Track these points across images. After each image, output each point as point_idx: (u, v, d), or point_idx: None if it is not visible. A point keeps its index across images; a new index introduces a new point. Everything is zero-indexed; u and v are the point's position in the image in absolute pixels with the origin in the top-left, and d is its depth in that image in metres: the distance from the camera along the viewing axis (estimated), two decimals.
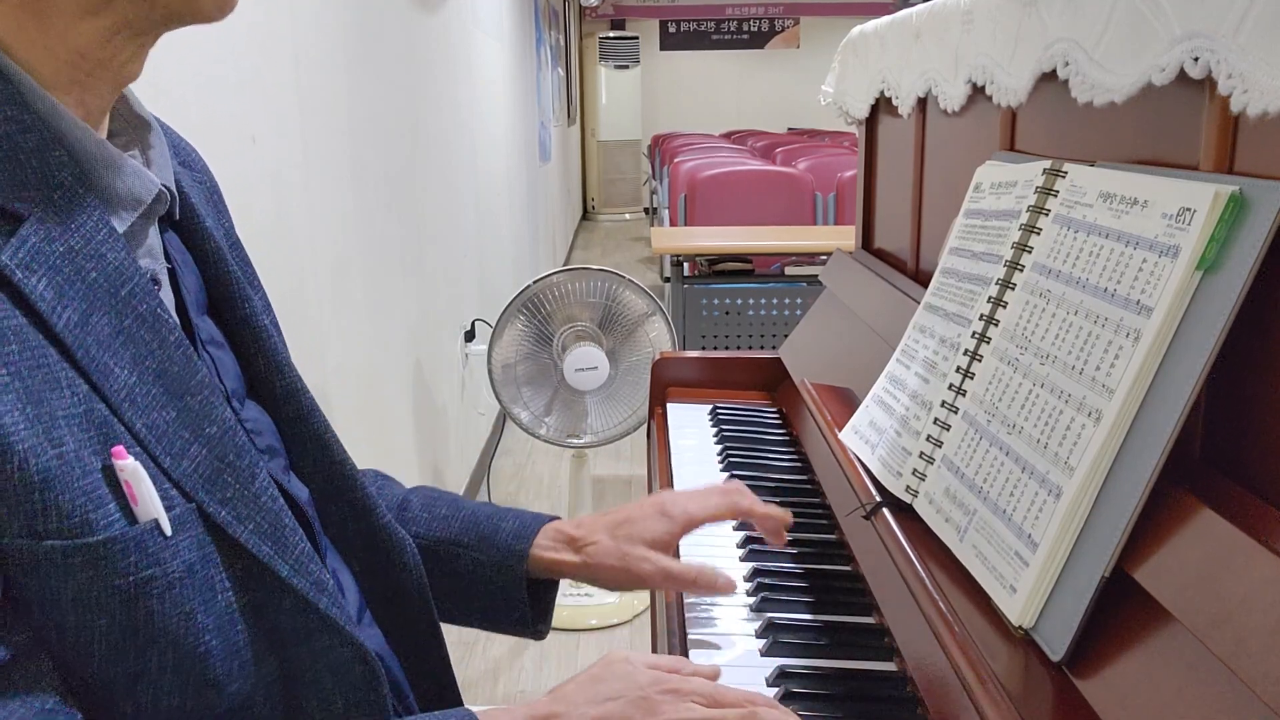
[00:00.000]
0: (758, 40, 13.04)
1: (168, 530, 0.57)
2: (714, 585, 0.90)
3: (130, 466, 0.55)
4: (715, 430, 1.45)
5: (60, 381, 0.54)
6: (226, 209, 0.80)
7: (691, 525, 0.94)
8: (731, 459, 1.33)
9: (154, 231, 0.65)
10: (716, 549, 1.09)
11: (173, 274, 0.67)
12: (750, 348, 3.72)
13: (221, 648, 0.59)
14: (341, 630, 0.66)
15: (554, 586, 0.94)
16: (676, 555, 0.97)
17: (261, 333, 0.74)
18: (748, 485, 1.24)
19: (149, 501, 0.56)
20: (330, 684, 0.66)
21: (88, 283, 0.56)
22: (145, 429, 0.57)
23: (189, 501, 0.59)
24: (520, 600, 0.91)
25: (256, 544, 0.61)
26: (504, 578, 0.90)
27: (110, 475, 0.55)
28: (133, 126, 0.66)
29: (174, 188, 0.67)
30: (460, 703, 0.83)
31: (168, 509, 0.57)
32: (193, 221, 0.71)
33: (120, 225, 0.60)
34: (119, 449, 0.55)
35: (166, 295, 0.66)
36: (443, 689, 0.83)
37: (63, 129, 0.57)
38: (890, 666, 0.87)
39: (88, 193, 0.58)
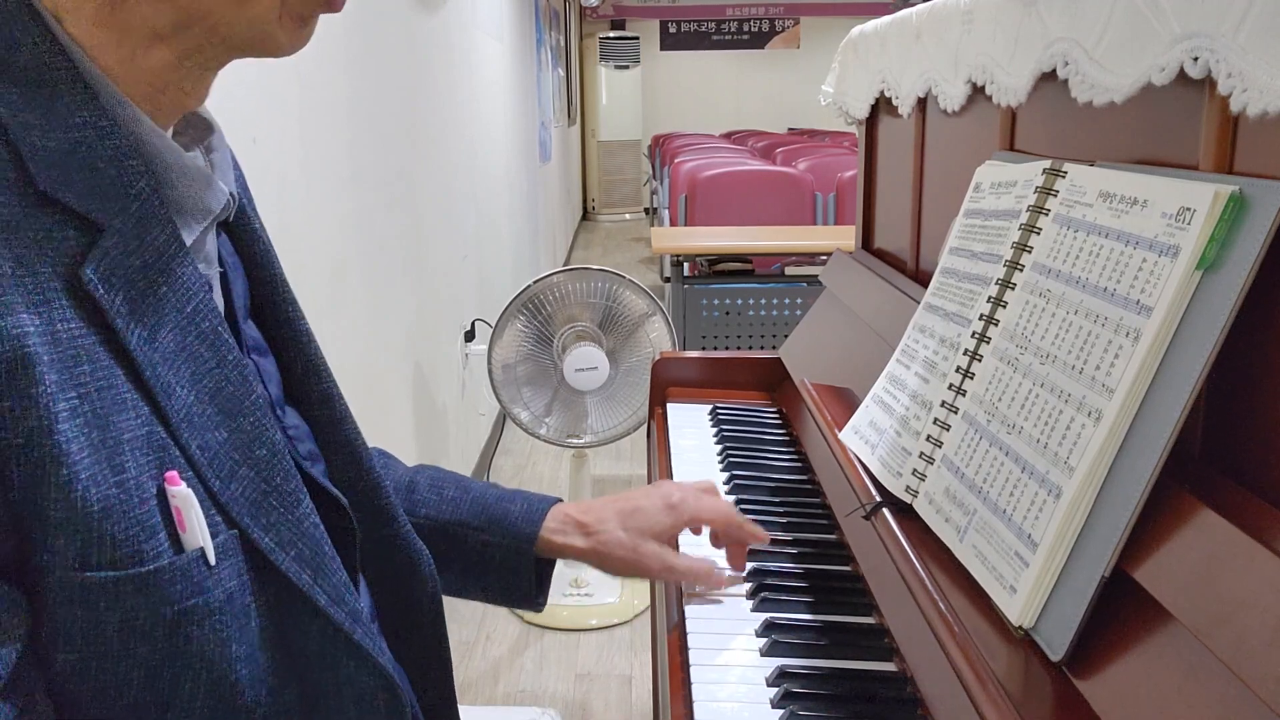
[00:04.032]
0: (758, 40, 13.03)
1: (212, 559, 0.56)
2: (710, 581, 0.97)
3: (183, 494, 0.54)
4: (715, 430, 1.45)
5: (126, 403, 0.53)
6: (255, 205, 0.79)
7: (695, 524, 1.00)
8: (731, 459, 1.33)
9: (211, 236, 0.64)
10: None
11: (223, 277, 0.67)
12: (750, 348, 3.72)
13: (249, 675, 0.58)
14: (371, 659, 0.65)
15: (554, 563, 0.98)
16: (676, 546, 1.02)
17: (303, 335, 0.73)
18: (747, 485, 1.25)
19: (196, 529, 0.55)
20: (354, 712, 0.65)
21: (158, 298, 0.56)
22: (199, 450, 0.56)
23: (231, 528, 0.58)
24: (527, 579, 0.94)
25: (297, 572, 0.60)
26: (513, 559, 0.93)
27: (163, 500, 0.54)
28: (195, 126, 0.66)
29: (236, 192, 0.66)
30: (456, 710, 0.84)
31: (212, 536, 0.56)
32: (244, 223, 0.71)
33: (189, 236, 0.60)
34: (173, 474, 0.54)
35: (216, 300, 0.65)
36: (443, 698, 0.83)
37: (141, 135, 0.56)
38: (890, 666, 0.87)
39: (161, 204, 0.57)
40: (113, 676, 0.54)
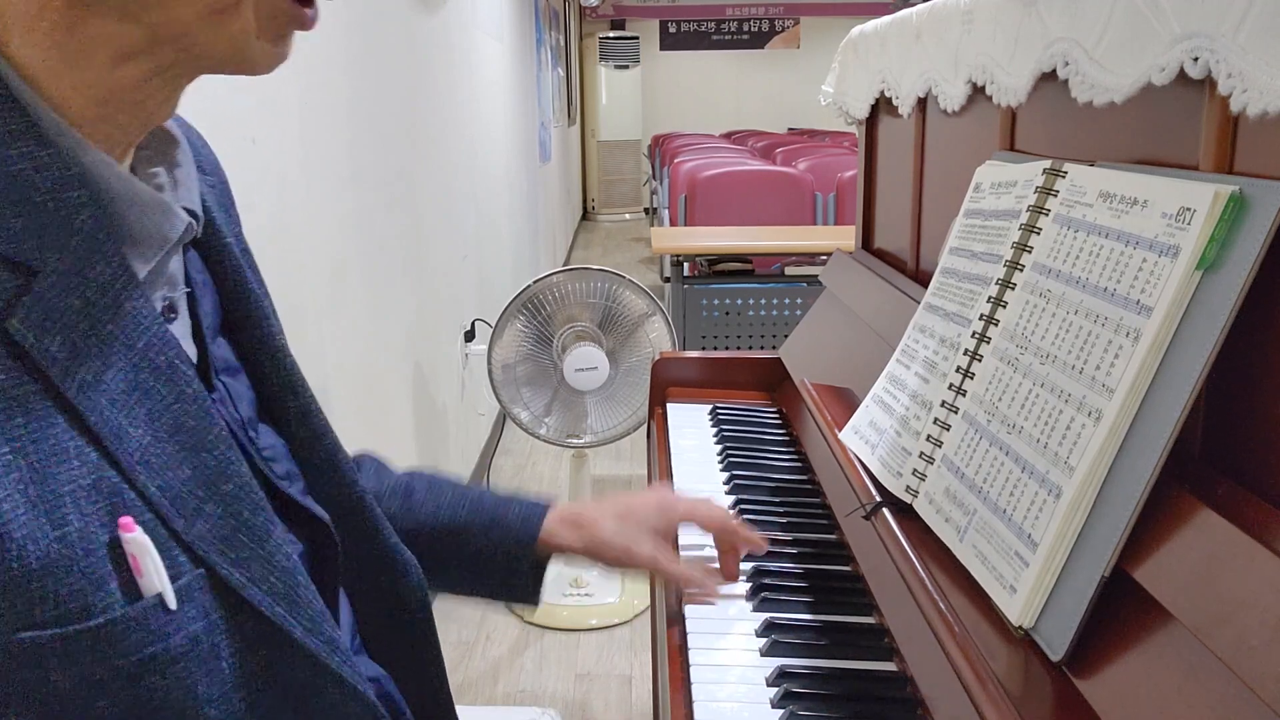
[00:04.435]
0: (758, 40, 13.03)
1: (172, 604, 0.54)
2: (702, 583, 0.99)
3: (138, 540, 0.52)
4: (715, 430, 1.45)
5: (68, 452, 0.51)
6: (236, 211, 0.77)
7: (687, 521, 1.02)
8: (731, 459, 1.33)
9: (175, 259, 0.62)
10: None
11: (190, 297, 0.64)
12: (750, 348, 3.72)
13: (221, 716, 0.57)
14: (352, 687, 0.64)
15: (548, 561, 0.99)
16: (675, 549, 1.03)
17: (278, 352, 0.71)
18: (747, 485, 1.25)
19: (154, 575, 0.53)
20: None
21: (102, 337, 0.53)
22: (158, 491, 0.54)
23: (198, 567, 0.56)
24: (525, 579, 0.95)
25: (270, 606, 0.58)
26: (513, 561, 0.94)
27: (116, 548, 0.52)
28: (159, 140, 0.63)
29: (200, 210, 0.64)
30: (454, 712, 0.84)
31: (175, 578, 0.54)
32: (214, 239, 0.69)
33: (143, 266, 0.57)
34: (127, 520, 0.52)
35: (184, 322, 0.63)
36: (440, 702, 0.83)
37: (86, 165, 0.53)
38: (890, 666, 0.87)
39: (108, 236, 0.54)
40: None
